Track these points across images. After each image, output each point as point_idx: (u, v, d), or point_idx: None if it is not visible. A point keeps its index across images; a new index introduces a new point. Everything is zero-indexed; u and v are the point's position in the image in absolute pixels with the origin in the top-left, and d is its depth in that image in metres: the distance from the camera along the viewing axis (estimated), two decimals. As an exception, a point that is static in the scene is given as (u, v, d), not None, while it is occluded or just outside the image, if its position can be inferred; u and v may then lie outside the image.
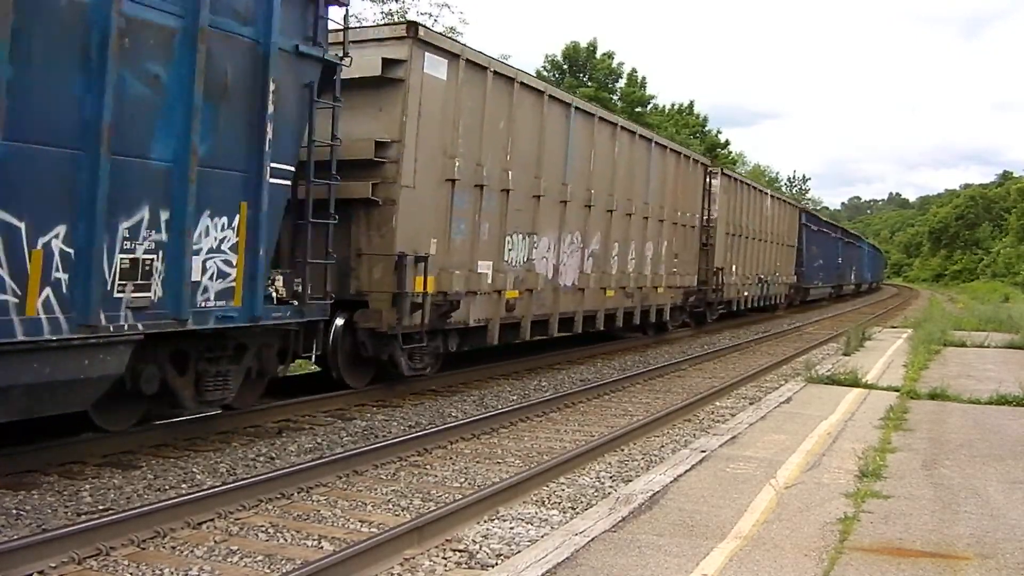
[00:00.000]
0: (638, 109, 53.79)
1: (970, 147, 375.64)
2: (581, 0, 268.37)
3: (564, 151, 15.71)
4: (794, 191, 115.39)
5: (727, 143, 68.29)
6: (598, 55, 54.67)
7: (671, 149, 21.69)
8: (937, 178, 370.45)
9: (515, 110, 13.93)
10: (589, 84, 51.45)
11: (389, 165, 11.48)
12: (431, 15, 33.76)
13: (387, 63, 11.38)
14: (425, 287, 11.85)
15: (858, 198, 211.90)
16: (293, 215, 9.74)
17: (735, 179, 28.43)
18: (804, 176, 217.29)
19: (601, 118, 17.35)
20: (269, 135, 8.70)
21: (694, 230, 23.61)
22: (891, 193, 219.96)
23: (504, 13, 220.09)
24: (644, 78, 56.64)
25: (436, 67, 11.99)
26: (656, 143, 20.46)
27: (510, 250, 14.16)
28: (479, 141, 13.07)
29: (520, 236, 14.44)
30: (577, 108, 16.21)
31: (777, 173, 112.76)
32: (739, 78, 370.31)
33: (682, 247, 22.45)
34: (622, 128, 18.39)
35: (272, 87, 8.70)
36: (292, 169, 9.27)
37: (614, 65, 54.90)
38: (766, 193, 33.26)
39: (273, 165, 8.81)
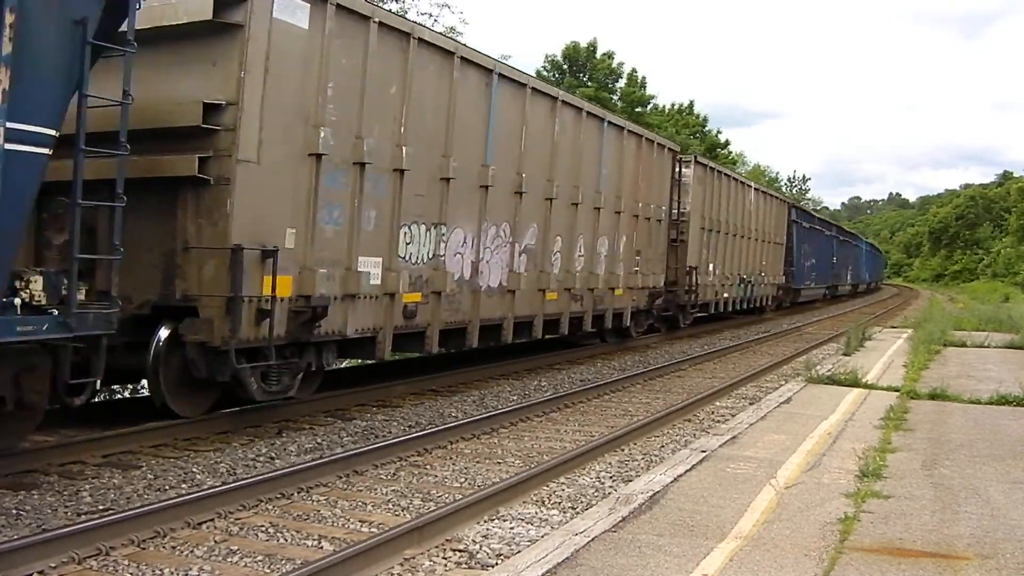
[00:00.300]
0: (638, 109, 53.84)
1: (970, 147, 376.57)
2: (581, 0, 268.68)
3: (485, 126, 13.08)
4: (794, 191, 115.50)
5: (727, 143, 68.38)
6: (598, 55, 54.75)
7: (630, 131, 18.74)
8: (937, 178, 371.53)
9: (413, 73, 11.34)
10: (589, 84, 51.50)
11: (223, 134, 9.09)
12: (431, 15, 33.77)
13: (221, 5, 9.09)
14: (274, 289, 9.44)
15: (858, 198, 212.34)
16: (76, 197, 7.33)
17: (711, 168, 25.41)
18: (804, 176, 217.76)
19: (535, 89, 14.64)
20: (3, 84, 6.41)
21: (661, 224, 20.83)
22: (891, 193, 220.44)
23: (504, 13, 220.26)
24: (644, 78, 56.80)
25: (292, 11, 9.60)
26: (610, 123, 17.63)
27: (408, 244, 11.60)
28: (359, 109, 10.54)
29: (423, 227, 11.89)
30: (502, 76, 13.48)
31: (777, 173, 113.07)
32: (739, 78, 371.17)
33: (646, 243, 19.79)
34: (564, 103, 15.65)
35: (9, 19, 6.39)
36: (51, 133, 6.96)
37: (614, 65, 54.97)
38: (749, 186, 30.23)
39: (11, 126, 6.49)
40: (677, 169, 21.99)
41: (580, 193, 16.21)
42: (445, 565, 6.00)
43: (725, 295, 26.82)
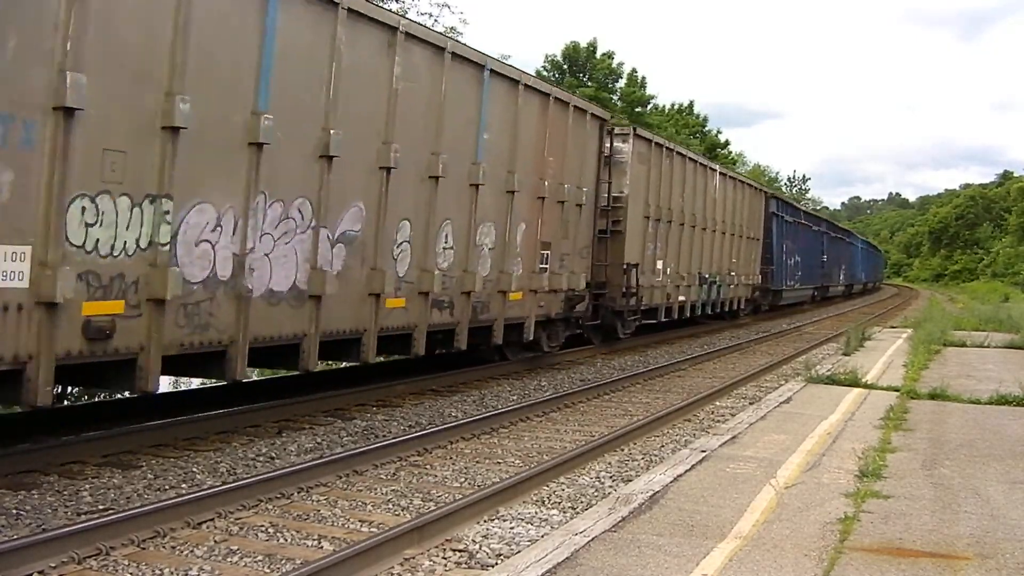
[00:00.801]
0: (638, 109, 53.87)
1: (970, 147, 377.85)
2: (581, 0, 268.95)
3: (255, 57, 8.94)
4: (794, 191, 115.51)
5: (727, 143, 68.43)
6: (598, 55, 54.79)
7: (529, 86, 14.15)
8: (937, 178, 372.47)
9: None
10: (589, 84, 51.50)
11: None
12: (431, 15, 33.75)
13: None
14: None
15: (858, 198, 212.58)
16: None
17: (658, 145, 20.76)
18: (804, 176, 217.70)
19: (355, 12, 10.17)
20: None
21: (582, 210, 16.31)
22: (891, 193, 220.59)
23: (504, 13, 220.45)
24: (644, 78, 56.91)
25: None
26: (495, 72, 13.09)
27: (92, 225, 7.57)
28: None
29: (125, 201, 7.79)
30: None
31: (777, 173, 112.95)
32: (739, 78, 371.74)
33: (559, 234, 15.48)
34: (411, 37, 11.16)
35: None
36: None
37: (614, 65, 55.03)
38: (713, 169, 25.37)
39: None
40: (608, 143, 17.57)
41: (441, 164, 11.87)
42: (445, 565, 6.01)
43: (680, 298, 22.61)
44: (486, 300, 13.50)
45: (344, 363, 12.39)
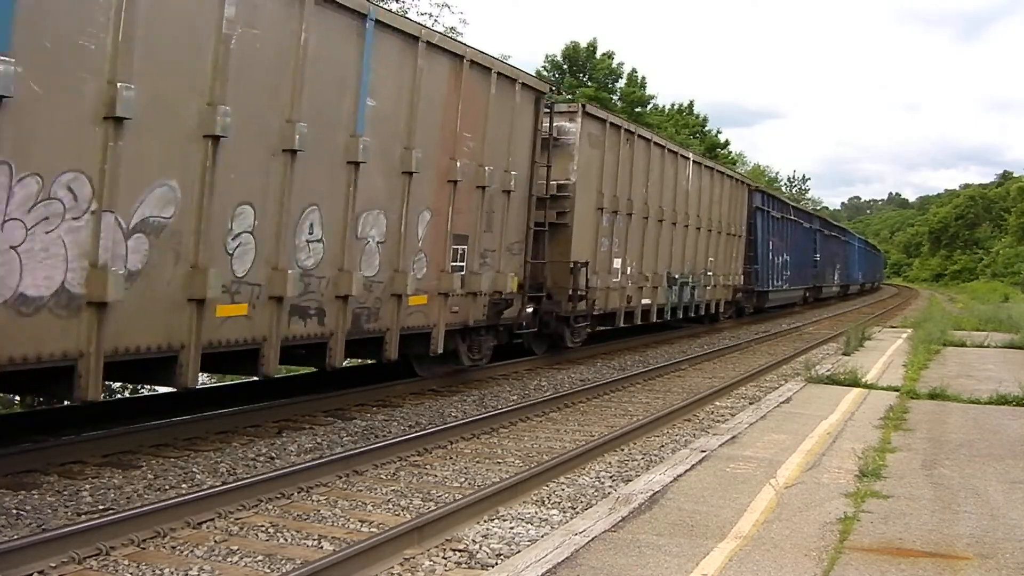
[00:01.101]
0: (638, 109, 53.86)
1: (970, 147, 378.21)
2: (581, 0, 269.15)
3: None
4: (794, 191, 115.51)
5: (727, 143, 68.40)
6: (598, 55, 54.80)
7: (432, 44, 11.41)
8: (937, 178, 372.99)
9: None
10: (589, 84, 51.52)
11: None
12: (431, 15, 33.73)
13: None
14: None
15: (858, 198, 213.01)
16: None
17: (615, 126, 17.83)
18: (804, 176, 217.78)
19: None
20: None
21: (511, 198, 13.62)
22: (891, 193, 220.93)
23: (504, 13, 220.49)
24: (644, 78, 56.89)
25: None
26: (380, 24, 10.34)
27: None
28: None
29: None
30: None
31: (777, 173, 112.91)
32: (739, 77, 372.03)
33: (480, 226, 12.90)
34: None
35: None
36: None
37: (614, 65, 55.03)
38: (686, 157, 22.28)
39: None
40: (544, 121, 14.72)
41: (299, 135, 9.18)
42: (445, 565, 6.01)
43: (644, 301, 19.83)
44: (373, 306, 10.82)
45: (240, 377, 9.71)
